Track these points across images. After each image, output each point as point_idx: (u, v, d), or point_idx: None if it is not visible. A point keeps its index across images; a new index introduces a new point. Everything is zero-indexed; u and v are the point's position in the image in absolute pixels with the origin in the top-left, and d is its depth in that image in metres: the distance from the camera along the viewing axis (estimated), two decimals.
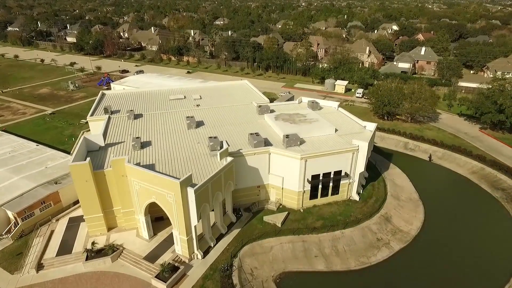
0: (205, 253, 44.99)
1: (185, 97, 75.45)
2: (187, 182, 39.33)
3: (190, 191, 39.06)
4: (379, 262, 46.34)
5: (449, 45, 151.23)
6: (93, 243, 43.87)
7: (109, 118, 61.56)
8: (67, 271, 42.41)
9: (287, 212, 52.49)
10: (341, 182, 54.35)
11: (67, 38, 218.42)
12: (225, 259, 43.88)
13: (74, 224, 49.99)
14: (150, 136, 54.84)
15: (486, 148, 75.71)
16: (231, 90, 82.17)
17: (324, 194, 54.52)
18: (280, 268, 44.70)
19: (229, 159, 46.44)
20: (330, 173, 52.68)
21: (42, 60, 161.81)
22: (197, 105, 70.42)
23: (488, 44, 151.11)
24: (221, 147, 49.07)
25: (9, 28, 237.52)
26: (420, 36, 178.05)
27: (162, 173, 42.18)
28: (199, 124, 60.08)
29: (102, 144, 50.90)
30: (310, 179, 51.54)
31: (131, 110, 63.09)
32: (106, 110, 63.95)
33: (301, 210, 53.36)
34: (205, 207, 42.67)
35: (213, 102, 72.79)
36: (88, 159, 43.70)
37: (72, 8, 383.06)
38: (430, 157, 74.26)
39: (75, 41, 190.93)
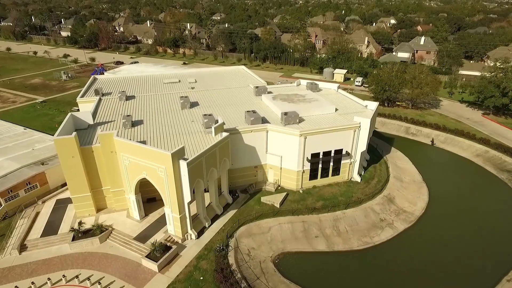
0: (200, 233, 42.54)
1: (179, 81, 72.86)
2: (179, 155, 36.85)
3: (183, 164, 36.61)
4: (382, 242, 44.06)
5: (449, 35, 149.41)
6: (80, 223, 41.28)
7: (100, 99, 58.96)
8: (52, 252, 39.82)
9: (286, 193, 50.10)
10: (342, 162, 52.02)
11: (61, 32, 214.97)
12: (220, 240, 41.44)
13: (61, 205, 47.36)
14: (142, 115, 52.26)
15: (489, 132, 73.71)
16: (227, 74, 79.69)
17: (324, 174, 52.17)
18: (278, 249, 42.30)
19: (225, 134, 44.00)
20: (330, 152, 50.34)
21: (35, 52, 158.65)
22: (191, 88, 67.91)
23: (488, 34, 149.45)
24: (216, 123, 46.61)
25: (2, 23, 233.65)
26: (419, 28, 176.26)
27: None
28: (194, 104, 57.59)
29: (91, 122, 48.30)
30: (309, 158, 49.18)
31: (122, 91, 60.55)
32: (97, 92, 61.28)
33: (301, 191, 50.98)
34: (198, 183, 40.24)
35: (208, 85, 70.25)
36: (74, 133, 41.16)
37: (68, 5, 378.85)
38: (432, 141, 72.14)
39: (69, 34, 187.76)
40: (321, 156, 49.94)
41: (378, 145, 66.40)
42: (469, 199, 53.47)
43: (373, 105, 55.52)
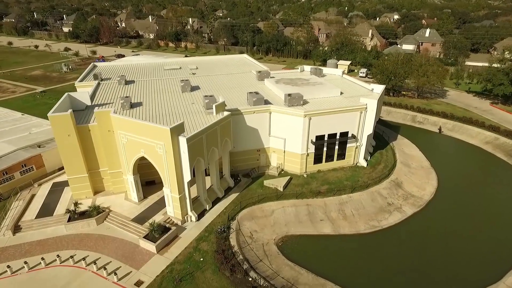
0: (200, 216, 40.92)
1: (180, 68, 71.30)
2: (178, 131, 35.30)
3: (182, 140, 35.06)
4: (390, 225, 42.29)
5: (454, 28, 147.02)
6: (76, 204, 39.77)
7: (99, 84, 57.49)
8: (47, 233, 38.37)
9: (289, 177, 48.43)
10: (348, 145, 50.25)
11: (63, 28, 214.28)
12: (221, 222, 39.83)
13: (57, 188, 45.92)
14: (141, 98, 50.65)
15: (498, 120, 71.63)
16: (230, 62, 78.08)
17: (329, 158, 50.43)
18: (282, 232, 40.63)
19: (226, 113, 42.40)
20: (335, 134, 48.61)
21: (36, 46, 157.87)
22: (192, 73, 66.37)
23: (494, 27, 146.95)
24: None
25: (4, 20, 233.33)
26: (424, 22, 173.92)
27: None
28: (194, 88, 56.01)
29: (89, 103, 46.79)
30: (314, 140, 47.46)
31: (122, 75, 59.13)
32: (96, 77, 59.80)
33: (305, 175, 49.27)
34: (199, 162, 38.65)
35: (210, 71, 68.68)
36: (70, 110, 39.72)
37: (70, 3, 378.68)
38: (440, 129, 70.21)
39: (71, 29, 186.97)
40: (326, 139, 48.19)
41: (384, 133, 64.57)
42: (479, 184, 51.59)
43: (379, 88, 53.72)
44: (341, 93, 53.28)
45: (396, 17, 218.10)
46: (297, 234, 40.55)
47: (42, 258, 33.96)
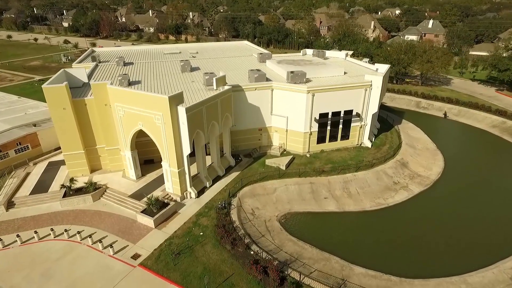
0: (200, 193, 39.56)
1: (180, 52, 69.96)
2: (177, 100, 33.97)
3: (181, 110, 33.73)
4: (397, 203, 40.88)
5: (458, 19, 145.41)
6: (71, 180, 38.40)
7: (96, 65, 56.16)
8: (41, 209, 37.06)
9: (292, 156, 47.06)
10: (352, 125, 48.86)
11: (63, 23, 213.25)
12: (222, 199, 38.45)
13: (53, 167, 44.62)
14: (140, 77, 49.28)
15: (505, 105, 70.18)
16: (231, 47, 76.77)
17: (333, 138, 49.02)
18: (285, 209, 39.28)
19: (227, 87, 41.05)
20: (339, 112, 47.22)
21: (36, 39, 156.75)
22: (193, 56, 65.04)
23: (498, 18, 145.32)
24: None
25: (4, 15, 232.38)
26: (426, 14, 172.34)
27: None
28: (195, 69, 54.66)
29: (85, 81, 45.45)
30: (317, 118, 46.07)
31: (121, 57, 57.78)
32: (94, 58, 58.51)
33: (308, 155, 47.88)
34: (198, 135, 37.32)
35: (211, 55, 67.33)
36: (65, 82, 38.38)
37: (70, 0, 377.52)
38: (445, 114, 68.81)
39: (70, 23, 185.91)
40: (329, 117, 46.80)
41: (389, 116, 63.17)
42: (487, 165, 50.18)
43: (384, 67, 52.30)
44: (345, 72, 51.91)
45: (398, 12, 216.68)
46: (301, 211, 39.20)
47: (35, 232, 32.67)
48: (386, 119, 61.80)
